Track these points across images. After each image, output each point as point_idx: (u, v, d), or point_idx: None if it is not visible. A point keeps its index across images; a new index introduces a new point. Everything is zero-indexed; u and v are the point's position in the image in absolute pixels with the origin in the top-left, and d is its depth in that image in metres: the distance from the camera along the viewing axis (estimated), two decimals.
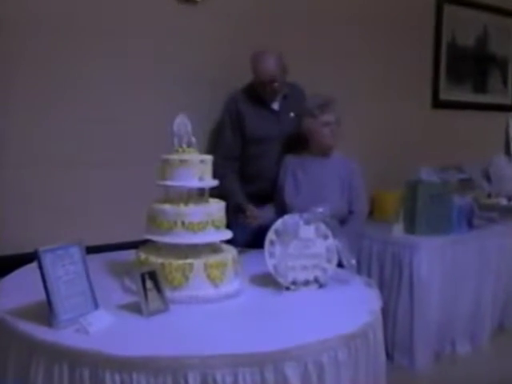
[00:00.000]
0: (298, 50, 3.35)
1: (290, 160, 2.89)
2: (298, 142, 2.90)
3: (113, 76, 2.81)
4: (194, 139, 2.20)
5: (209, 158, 2.18)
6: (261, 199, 2.87)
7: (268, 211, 2.81)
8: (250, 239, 2.81)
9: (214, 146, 3.03)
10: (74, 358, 1.62)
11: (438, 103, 4.43)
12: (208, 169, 2.16)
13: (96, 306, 1.85)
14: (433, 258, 3.27)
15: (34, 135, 2.64)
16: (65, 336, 1.70)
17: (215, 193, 2.26)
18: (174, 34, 2.99)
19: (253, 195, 2.85)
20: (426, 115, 4.32)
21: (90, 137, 2.77)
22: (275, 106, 3.01)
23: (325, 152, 2.83)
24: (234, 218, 2.57)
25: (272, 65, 2.89)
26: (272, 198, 2.90)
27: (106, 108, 2.81)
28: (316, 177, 2.80)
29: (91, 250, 2.01)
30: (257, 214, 2.68)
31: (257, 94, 2.97)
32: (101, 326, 1.76)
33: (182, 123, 2.21)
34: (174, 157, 2.13)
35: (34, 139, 2.64)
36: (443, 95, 4.46)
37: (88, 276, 1.86)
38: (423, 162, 3.57)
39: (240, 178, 2.96)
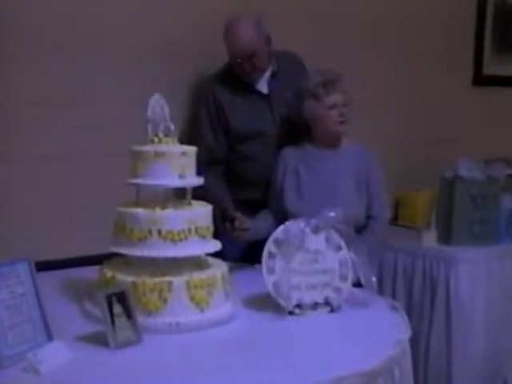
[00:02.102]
0: (289, 9, 3.34)
1: (290, 154, 2.88)
2: (298, 132, 2.90)
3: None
4: (172, 126, 2.22)
5: (192, 149, 2.21)
6: (253, 210, 2.83)
7: (262, 221, 2.79)
8: (243, 251, 2.84)
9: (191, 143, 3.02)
10: None
11: (480, 79, 4.43)
12: (191, 163, 2.18)
13: (49, 337, 1.86)
14: (475, 274, 3.30)
15: None
16: (8, 378, 1.70)
17: (197, 196, 2.29)
18: None
19: (243, 205, 2.82)
20: (465, 94, 4.31)
21: (36, 122, 2.78)
22: (263, 87, 2.99)
23: (333, 142, 2.85)
24: (222, 226, 2.59)
25: (247, 35, 2.87)
26: (266, 205, 2.90)
27: (55, 88, 2.82)
28: (323, 174, 2.80)
29: (43, 266, 2.04)
30: (248, 225, 2.66)
31: (237, 75, 2.96)
32: (55, 363, 1.77)
33: (157, 105, 2.23)
34: (148, 148, 2.15)
35: None
36: (488, 69, 4.45)
37: (39, 299, 1.87)
38: (462, 154, 3.60)
39: (227, 184, 2.98)
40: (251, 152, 2.97)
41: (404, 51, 3.89)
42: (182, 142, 2.36)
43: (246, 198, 2.92)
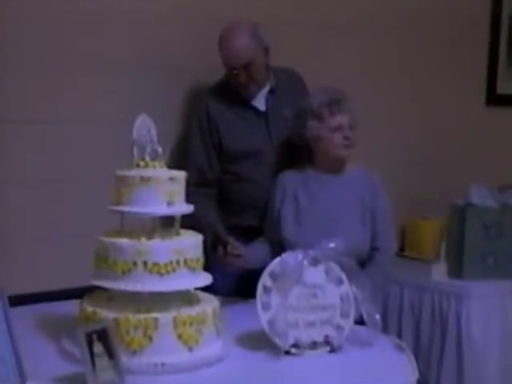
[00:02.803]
0: (290, 19, 3.36)
1: (289, 179, 2.89)
2: (298, 154, 2.92)
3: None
4: (160, 149, 2.23)
5: (181, 174, 2.22)
6: (246, 237, 2.84)
7: (257, 249, 2.81)
8: (236, 285, 2.84)
9: (182, 162, 3.01)
10: None
11: (494, 98, 4.46)
12: (179, 190, 2.19)
13: (23, 379, 1.85)
14: (488, 311, 3.31)
15: None
16: None
17: (187, 225, 2.29)
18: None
19: (236, 232, 2.81)
20: (477, 114, 4.34)
21: (9, 142, 2.79)
22: (260, 104, 3.01)
23: (336, 166, 2.86)
24: (213, 256, 2.59)
25: (243, 43, 2.89)
26: (262, 232, 2.91)
27: (30, 106, 2.84)
28: (325, 201, 2.82)
29: (17, 300, 2.03)
30: (240, 252, 2.66)
31: (233, 90, 2.98)
32: None
33: (143, 126, 2.25)
34: (133, 173, 2.16)
35: None
36: (502, 87, 4.49)
37: (12, 337, 1.87)
38: (474, 180, 3.62)
39: (219, 209, 2.98)
40: (246, 173, 2.98)
41: (412, 69, 3.93)
42: (172, 166, 2.37)
43: (238, 224, 2.93)
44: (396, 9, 3.79)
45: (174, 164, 2.80)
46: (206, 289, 2.25)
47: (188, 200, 2.24)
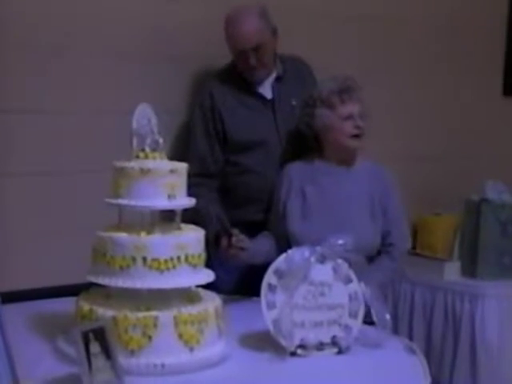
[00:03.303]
0: (297, 8, 3.37)
1: (295, 170, 2.90)
2: (306, 145, 2.93)
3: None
4: (161, 139, 2.24)
5: (182, 166, 2.23)
6: (251, 232, 2.85)
7: (261, 243, 2.83)
8: (239, 282, 2.85)
9: (184, 154, 3.03)
10: None
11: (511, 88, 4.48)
12: (181, 182, 2.20)
13: (15, 380, 1.85)
14: (503, 311, 3.32)
15: None
16: None
17: (187, 218, 2.30)
18: None
19: (239, 226, 2.80)
20: (494, 105, 4.34)
21: (5, 132, 2.81)
22: (266, 91, 3.03)
23: (346, 158, 2.87)
24: (214, 252, 2.60)
25: (252, 24, 2.92)
26: (267, 226, 2.93)
27: (30, 94, 2.85)
28: (333, 194, 2.83)
29: (9, 297, 2.04)
30: (245, 244, 2.68)
31: (239, 77, 3.00)
32: None
33: (143, 116, 2.25)
34: (133, 164, 2.17)
35: None
36: None
37: (4, 336, 1.87)
38: (489, 174, 3.63)
39: (222, 202, 2.99)
40: (250, 164, 3.00)
41: (426, 60, 3.93)
42: (174, 158, 2.38)
43: (241, 219, 2.93)
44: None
45: (176, 156, 2.81)
46: (207, 286, 2.26)
47: (189, 191, 2.25)
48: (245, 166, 3.00)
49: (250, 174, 3.00)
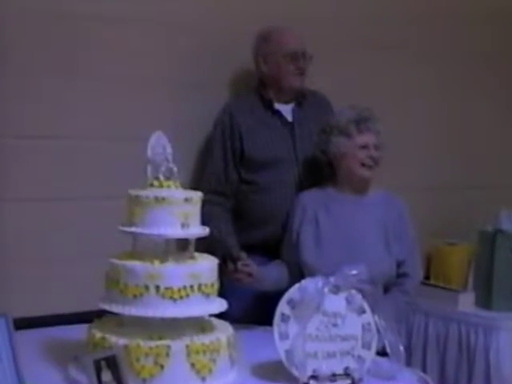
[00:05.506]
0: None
1: (309, 199, 2.91)
2: (320, 173, 2.94)
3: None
4: (175, 168, 2.25)
5: (197, 195, 2.24)
6: (264, 255, 2.87)
7: (271, 270, 2.82)
8: (251, 310, 2.85)
9: (199, 182, 3.05)
10: None
11: None
12: (195, 211, 2.21)
13: None
14: None
15: None
16: None
17: (200, 242, 2.30)
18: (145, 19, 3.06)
19: (254, 248, 2.84)
20: (509, 131, 4.30)
21: (18, 157, 2.83)
22: (287, 114, 3.08)
23: (358, 187, 2.88)
24: (227, 278, 2.60)
25: (297, 32, 3.03)
26: (279, 255, 2.92)
27: (45, 120, 2.88)
28: (347, 222, 2.83)
29: (22, 324, 2.05)
30: (252, 270, 2.67)
31: (259, 96, 3.06)
32: None
33: (158, 144, 2.27)
34: (147, 193, 2.18)
35: None
36: None
37: (16, 362, 1.88)
38: (505, 202, 3.61)
39: (236, 222, 3.01)
40: (267, 183, 3.01)
41: (436, 86, 3.92)
42: (189, 187, 2.39)
43: (259, 239, 2.96)
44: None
45: (191, 185, 2.84)
46: (219, 314, 2.25)
47: (203, 209, 2.26)
48: (261, 184, 3.02)
49: (265, 192, 3.01)
